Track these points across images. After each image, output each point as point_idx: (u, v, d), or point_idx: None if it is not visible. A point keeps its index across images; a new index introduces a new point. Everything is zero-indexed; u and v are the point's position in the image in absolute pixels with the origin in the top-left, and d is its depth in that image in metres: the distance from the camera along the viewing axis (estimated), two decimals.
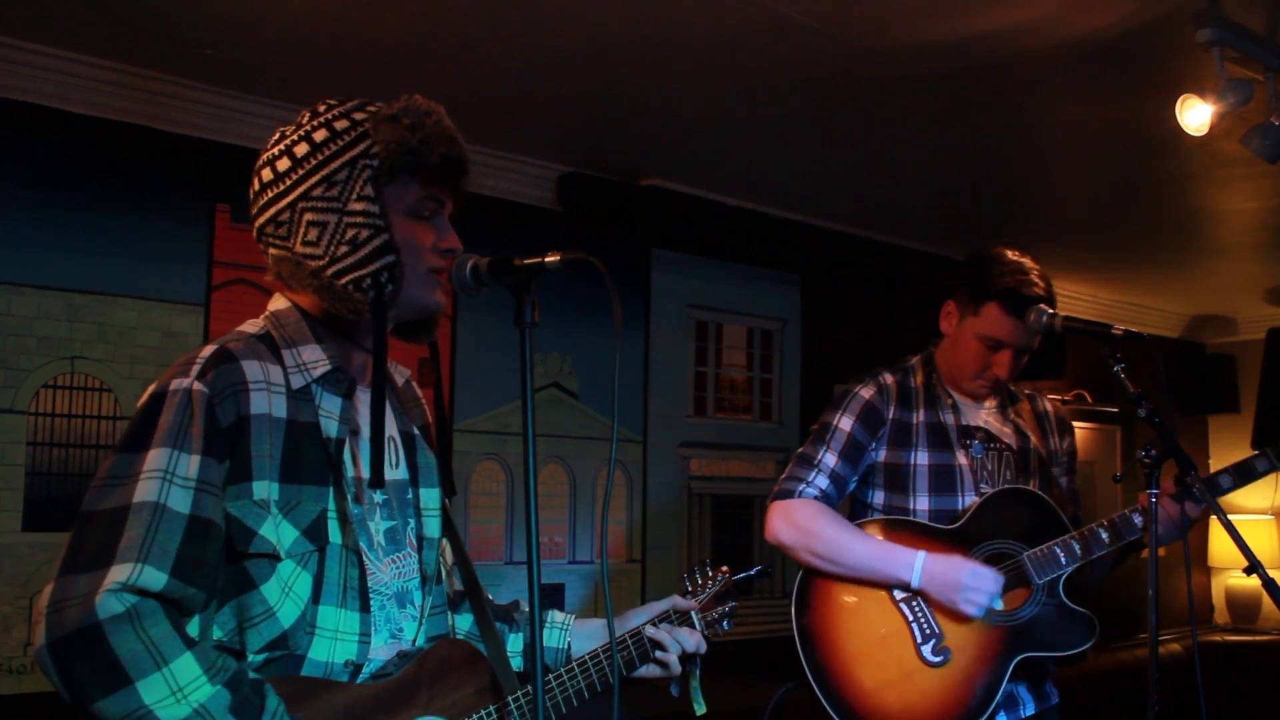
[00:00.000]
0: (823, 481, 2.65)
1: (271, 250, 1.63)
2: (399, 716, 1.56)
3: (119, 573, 1.36)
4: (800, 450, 2.73)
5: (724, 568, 2.09)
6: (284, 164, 1.61)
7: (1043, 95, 3.48)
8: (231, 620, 1.50)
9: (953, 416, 2.71)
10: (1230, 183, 4.29)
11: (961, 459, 2.68)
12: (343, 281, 1.57)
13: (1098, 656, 5.40)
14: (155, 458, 1.44)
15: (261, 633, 1.49)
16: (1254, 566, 2.29)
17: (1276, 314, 6.64)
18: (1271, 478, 2.64)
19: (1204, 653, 5.87)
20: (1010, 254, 2.65)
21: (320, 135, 1.60)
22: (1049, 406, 2.89)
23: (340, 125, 1.60)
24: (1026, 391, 2.89)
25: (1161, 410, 2.38)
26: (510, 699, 1.67)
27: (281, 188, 1.60)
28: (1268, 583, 2.26)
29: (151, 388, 1.52)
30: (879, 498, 2.71)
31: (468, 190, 1.72)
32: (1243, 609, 6.80)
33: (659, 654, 1.88)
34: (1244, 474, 2.63)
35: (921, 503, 2.66)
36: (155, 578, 1.37)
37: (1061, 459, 2.84)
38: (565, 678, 1.75)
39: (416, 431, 1.77)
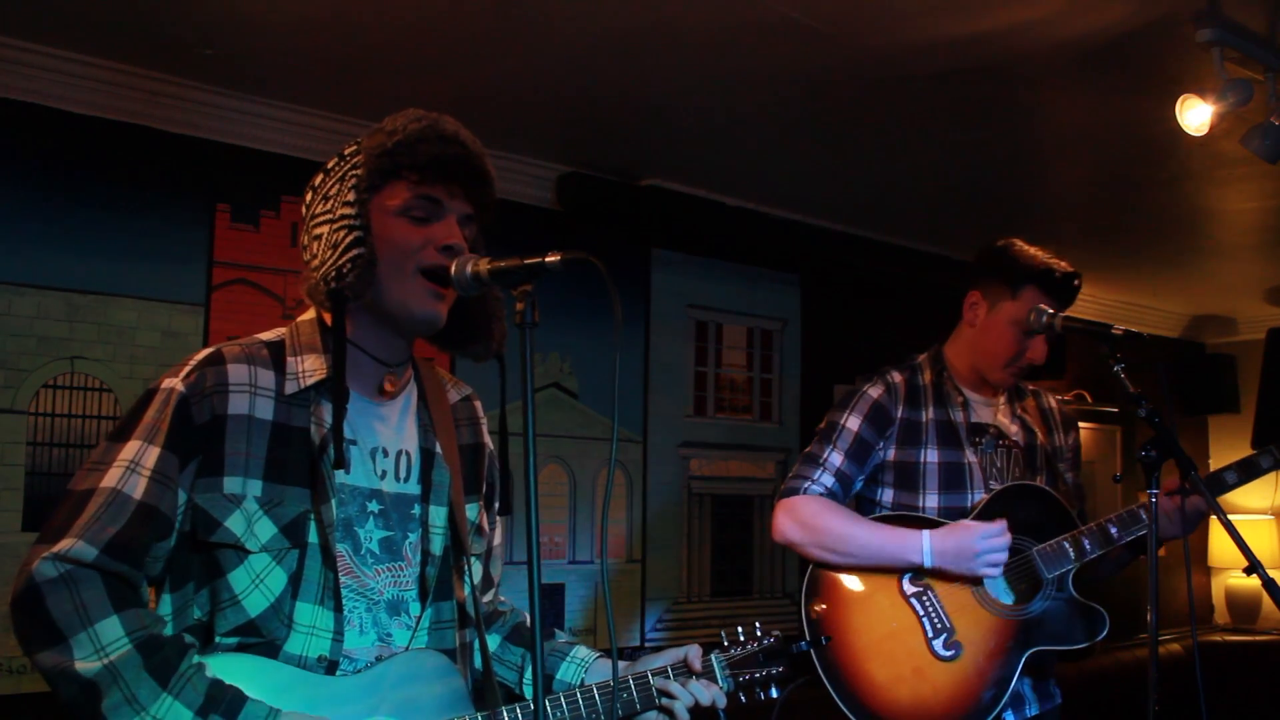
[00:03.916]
0: (828, 480, 2.65)
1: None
2: (345, 710, 1.57)
3: (60, 545, 1.49)
4: (806, 449, 2.74)
5: (775, 631, 1.95)
6: (309, 196, 1.72)
7: (1043, 95, 3.48)
8: (208, 604, 1.58)
9: (962, 414, 2.72)
10: (1230, 183, 4.29)
11: (971, 457, 2.69)
12: (317, 277, 1.64)
13: (1098, 656, 5.40)
14: (129, 449, 1.56)
15: (228, 618, 1.56)
16: (1254, 566, 2.29)
17: (1276, 314, 6.64)
18: (1272, 478, 2.66)
19: (1204, 653, 5.87)
20: (1028, 244, 2.73)
21: (332, 163, 1.71)
22: (1053, 403, 2.91)
23: (348, 150, 1.70)
24: (1031, 388, 2.90)
25: (1161, 410, 2.39)
26: (480, 715, 1.67)
27: (306, 217, 1.72)
28: (1268, 583, 2.27)
29: (150, 384, 1.63)
30: (888, 496, 2.71)
31: (491, 193, 1.73)
32: (1243, 609, 6.80)
33: (664, 701, 1.81)
34: (1249, 470, 2.65)
35: (931, 500, 2.67)
36: (86, 551, 1.49)
37: (1066, 455, 2.85)
38: (548, 706, 1.71)
39: (438, 449, 1.77)
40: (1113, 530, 2.62)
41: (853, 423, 2.69)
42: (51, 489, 3.15)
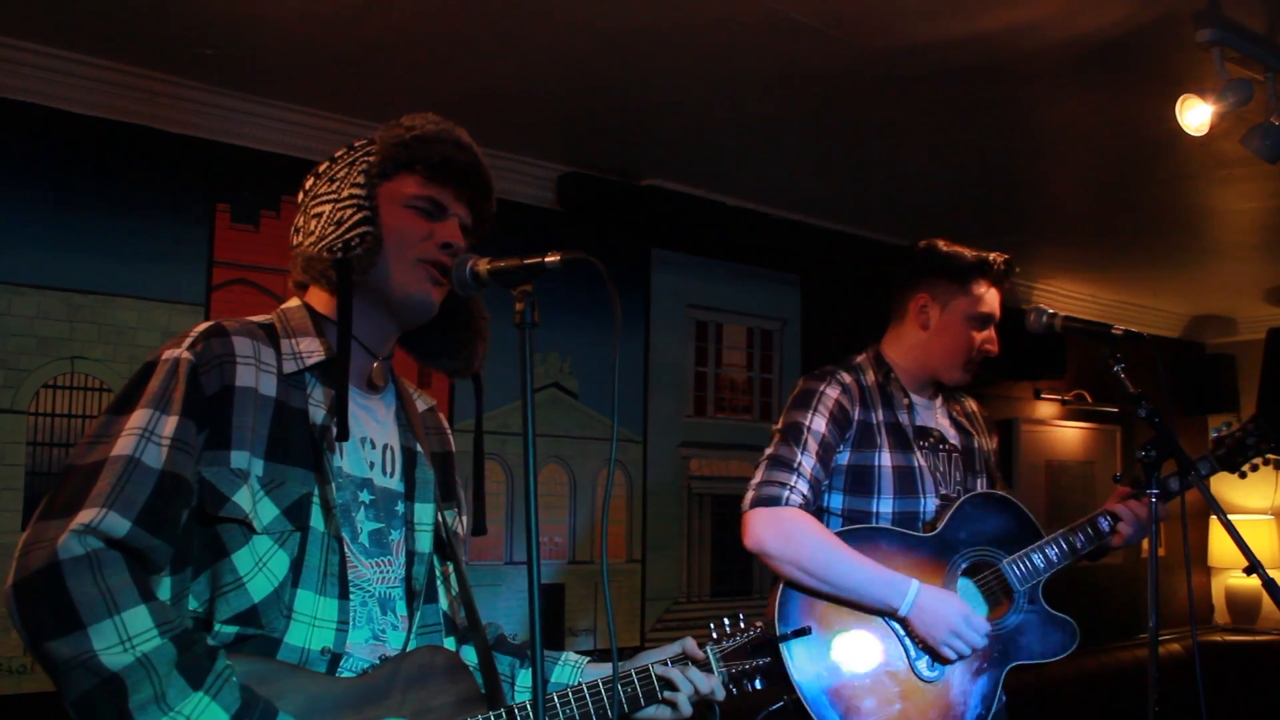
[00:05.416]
0: (804, 486, 2.53)
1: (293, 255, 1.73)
2: (365, 714, 1.54)
3: (84, 516, 1.39)
4: (773, 452, 2.59)
5: (758, 622, 1.95)
6: (309, 182, 1.75)
7: (1043, 95, 3.48)
8: (206, 590, 1.51)
9: (908, 417, 2.67)
10: (1230, 183, 4.29)
11: (920, 460, 2.63)
12: (319, 248, 1.66)
13: (1098, 656, 5.40)
14: (137, 418, 1.48)
15: (230, 603, 1.50)
16: (1254, 566, 2.29)
17: (1276, 314, 6.64)
18: (1272, 477, 2.65)
19: (1204, 653, 5.86)
20: (949, 241, 2.80)
21: (339, 152, 1.75)
22: (975, 406, 2.91)
23: (358, 142, 1.74)
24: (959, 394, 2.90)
25: (1161, 410, 2.39)
26: (493, 714, 1.65)
27: (302, 200, 1.75)
28: (1268, 583, 2.27)
29: (148, 358, 1.57)
30: (838, 502, 2.62)
31: (491, 209, 1.76)
32: (1243, 609, 6.79)
33: (668, 694, 1.81)
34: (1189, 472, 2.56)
35: (885, 505, 2.59)
36: (118, 524, 1.40)
37: (990, 460, 2.84)
38: (557, 702, 1.71)
39: (419, 448, 1.78)
40: (1079, 540, 2.65)
41: (818, 424, 2.58)
42: None
